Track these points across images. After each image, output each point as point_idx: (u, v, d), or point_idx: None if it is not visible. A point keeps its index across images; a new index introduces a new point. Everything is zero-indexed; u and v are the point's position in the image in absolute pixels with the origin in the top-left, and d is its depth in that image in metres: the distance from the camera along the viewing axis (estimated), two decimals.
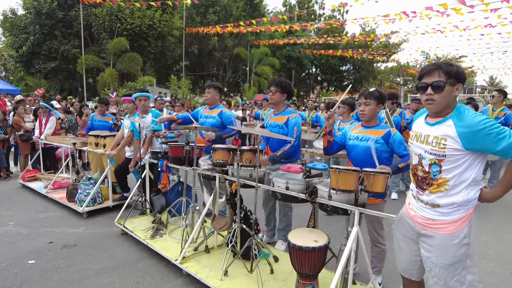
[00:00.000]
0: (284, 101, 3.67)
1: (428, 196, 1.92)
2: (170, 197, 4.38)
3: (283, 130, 3.56)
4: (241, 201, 3.24)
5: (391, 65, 43.97)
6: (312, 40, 26.09)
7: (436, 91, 1.84)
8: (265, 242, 3.97)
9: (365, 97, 2.76)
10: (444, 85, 1.82)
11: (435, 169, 1.86)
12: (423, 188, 1.94)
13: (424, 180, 1.92)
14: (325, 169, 2.56)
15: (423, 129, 1.96)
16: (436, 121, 1.89)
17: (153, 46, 23.29)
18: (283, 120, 3.57)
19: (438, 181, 1.86)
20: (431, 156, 1.87)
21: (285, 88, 3.55)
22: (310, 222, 2.60)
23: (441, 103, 1.85)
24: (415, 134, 2.00)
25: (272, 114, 3.77)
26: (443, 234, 1.86)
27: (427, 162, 1.89)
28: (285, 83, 3.56)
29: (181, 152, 3.81)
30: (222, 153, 3.00)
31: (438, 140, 1.83)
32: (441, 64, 1.85)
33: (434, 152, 1.85)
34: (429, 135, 1.89)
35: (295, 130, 3.51)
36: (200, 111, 4.53)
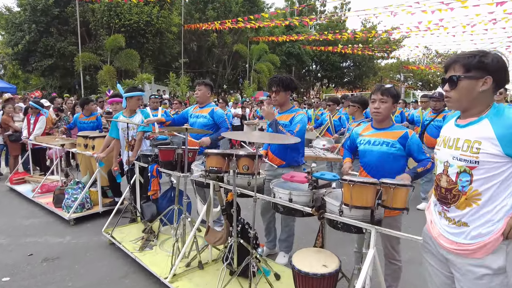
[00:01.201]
0: (289, 99, 3.31)
1: (455, 212, 1.58)
2: (161, 204, 4.02)
3: (288, 128, 3.21)
4: (238, 212, 2.89)
5: (392, 62, 43.52)
6: (313, 37, 25.67)
7: (451, 87, 1.56)
8: (265, 255, 3.65)
9: (382, 93, 2.39)
10: (457, 80, 1.54)
11: (465, 179, 1.53)
12: (447, 202, 1.60)
13: (449, 192, 1.58)
14: (336, 179, 2.20)
15: (452, 133, 1.63)
16: (468, 122, 1.57)
17: (151, 43, 22.87)
18: (288, 118, 3.24)
19: (467, 194, 1.53)
20: (460, 163, 1.54)
21: (288, 86, 3.19)
22: (318, 241, 2.25)
23: (459, 100, 1.56)
24: (443, 139, 1.67)
25: (276, 113, 3.42)
26: (473, 260, 1.52)
27: (455, 170, 1.56)
28: (286, 80, 3.19)
29: (172, 156, 3.45)
30: (215, 159, 2.63)
31: (470, 143, 1.51)
32: (460, 55, 1.56)
33: (464, 157, 1.52)
34: (459, 139, 1.56)
35: (297, 127, 3.15)
36: (190, 110, 4.18)
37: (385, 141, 2.43)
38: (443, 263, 1.66)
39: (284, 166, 3.28)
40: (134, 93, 4.40)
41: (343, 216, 2.09)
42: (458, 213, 1.56)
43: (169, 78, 22.56)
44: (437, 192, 1.66)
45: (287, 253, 3.57)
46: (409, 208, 2.00)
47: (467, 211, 1.53)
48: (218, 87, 30.65)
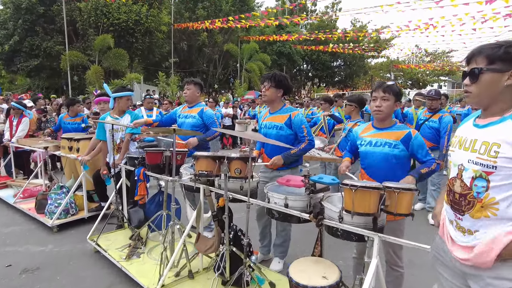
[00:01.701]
0: (280, 98, 3.15)
1: (468, 221, 1.42)
2: (149, 209, 3.82)
3: (283, 131, 3.06)
4: (231, 218, 2.72)
5: (382, 61, 43.78)
6: (304, 37, 25.58)
7: (472, 80, 1.41)
8: (259, 260, 3.49)
9: (384, 90, 2.25)
10: (479, 73, 1.38)
11: (480, 185, 1.37)
12: (461, 210, 1.45)
13: (464, 198, 1.43)
14: (335, 183, 2.05)
15: (469, 133, 1.48)
16: (489, 122, 1.41)
17: (140, 42, 22.50)
18: (283, 120, 3.07)
19: (482, 202, 1.37)
20: (476, 167, 1.38)
21: (280, 83, 3.02)
22: (316, 249, 2.09)
23: (479, 96, 1.41)
24: (458, 140, 1.52)
25: (267, 113, 3.25)
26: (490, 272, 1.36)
27: (470, 174, 1.41)
28: (280, 76, 3.03)
29: (159, 159, 3.27)
30: (205, 162, 2.45)
31: (488, 145, 1.36)
32: (484, 46, 1.40)
33: (481, 161, 1.37)
34: (477, 140, 1.41)
35: (304, 129, 3.04)
36: (178, 110, 3.99)
37: (387, 141, 2.29)
38: (459, 276, 1.51)
39: (281, 168, 3.12)
40: (123, 93, 4.19)
41: (344, 223, 1.94)
42: (472, 223, 1.41)
43: (158, 78, 22.24)
44: (450, 198, 1.51)
45: (282, 258, 3.41)
46: (414, 214, 1.86)
47: (482, 222, 1.38)
48: (209, 87, 30.39)
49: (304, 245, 3.83)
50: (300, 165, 3.25)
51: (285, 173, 3.09)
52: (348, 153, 2.65)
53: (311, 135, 3.09)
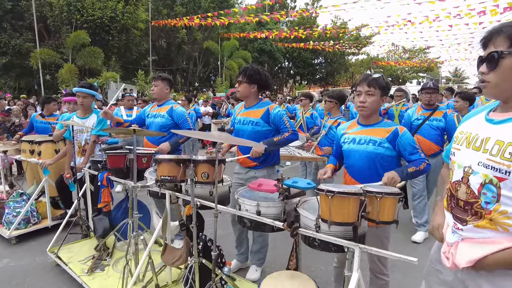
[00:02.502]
0: (257, 93, 2.91)
1: (472, 231, 1.20)
2: (116, 217, 3.52)
3: (259, 126, 2.83)
4: (201, 227, 2.48)
5: (362, 58, 44.28)
6: (284, 34, 25.44)
7: (490, 67, 1.16)
8: (236, 269, 3.26)
9: (368, 84, 2.04)
10: (498, 58, 1.13)
11: (490, 193, 1.14)
12: (463, 219, 1.23)
13: (470, 207, 1.20)
14: (311, 188, 1.83)
15: (481, 129, 1.24)
16: (507, 117, 1.17)
17: (116, 40, 21.78)
18: (259, 114, 2.84)
19: (492, 214, 1.14)
20: (486, 171, 1.15)
21: (251, 77, 2.79)
22: (291, 262, 1.87)
23: (499, 86, 1.17)
24: (466, 137, 1.28)
25: (242, 107, 3.02)
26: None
27: (478, 179, 1.17)
28: (251, 71, 2.80)
29: (122, 162, 2.98)
30: (168, 166, 2.19)
31: (502, 145, 1.12)
32: (505, 24, 1.15)
33: (492, 164, 1.13)
34: (489, 138, 1.17)
35: (286, 121, 2.82)
36: (147, 109, 3.70)
37: (371, 139, 2.08)
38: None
39: (257, 167, 2.90)
40: (84, 90, 3.82)
41: (321, 232, 1.73)
42: (477, 234, 1.19)
43: (137, 76, 21.62)
44: (451, 203, 1.29)
45: (259, 266, 3.19)
46: (399, 221, 1.67)
47: (490, 235, 1.16)
48: (190, 85, 29.88)
49: (284, 250, 3.62)
50: (277, 164, 3.03)
51: (261, 173, 2.88)
52: (333, 158, 2.40)
53: (294, 126, 2.88)
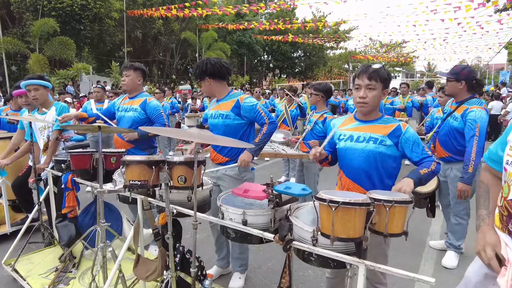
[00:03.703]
0: (217, 85, 2.67)
1: None
2: (83, 222, 3.16)
3: (230, 120, 2.58)
4: (178, 236, 2.19)
5: (340, 52, 44.56)
6: (263, 26, 25.09)
7: None
8: (217, 276, 3.00)
9: (369, 77, 1.78)
10: None
11: None
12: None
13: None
14: (306, 195, 1.58)
15: None
16: None
17: (88, 29, 20.74)
18: (229, 107, 2.59)
19: None
20: None
21: (203, 74, 2.60)
22: (284, 279, 1.62)
23: None
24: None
25: (215, 101, 2.77)
26: None
27: None
28: (200, 67, 2.59)
29: (88, 162, 2.64)
30: (138, 169, 1.88)
31: None
32: None
33: None
34: None
35: (260, 110, 2.58)
36: (117, 102, 3.34)
37: (372, 136, 1.85)
38: None
39: (229, 163, 2.64)
40: (33, 82, 3.36)
41: (318, 246, 1.48)
42: None
43: (111, 68, 20.74)
44: (508, 225, 1.08)
45: (242, 273, 2.94)
46: (408, 232, 1.45)
47: None
48: (166, 77, 29.08)
49: (269, 254, 3.40)
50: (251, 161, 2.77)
51: (233, 171, 2.63)
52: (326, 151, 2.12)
53: (269, 114, 2.64)
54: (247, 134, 2.67)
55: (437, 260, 3.36)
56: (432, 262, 3.32)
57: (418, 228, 3.94)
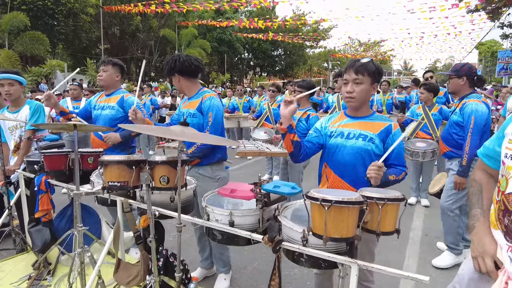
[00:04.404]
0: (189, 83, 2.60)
1: None
2: (59, 226, 2.99)
3: (197, 118, 2.52)
4: (161, 239, 2.10)
5: (319, 51, 45.10)
6: (243, 24, 25.01)
7: None
8: (202, 277, 2.93)
9: (356, 71, 1.75)
10: None
11: None
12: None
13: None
14: (296, 193, 1.53)
15: None
16: None
17: (63, 25, 20.04)
18: (195, 105, 2.53)
19: None
20: None
21: (172, 70, 2.52)
22: (273, 281, 1.57)
23: None
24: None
25: (186, 100, 2.70)
26: None
27: None
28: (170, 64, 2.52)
29: (63, 163, 2.49)
30: (117, 170, 1.77)
31: None
32: None
33: None
34: None
35: (210, 116, 2.46)
36: (94, 99, 3.19)
37: (362, 133, 1.82)
38: None
39: (200, 164, 2.56)
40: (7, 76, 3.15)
41: (309, 246, 1.44)
42: None
43: (87, 66, 20.09)
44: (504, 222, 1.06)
45: (227, 273, 2.87)
46: (400, 230, 1.42)
47: None
48: (145, 75, 28.49)
49: (254, 254, 3.35)
50: (224, 159, 2.70)
51: (206, 171, 2.55)
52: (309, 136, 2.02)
53: (216, 124, 2.50)
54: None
55: (420, 255, 3.40)
56: (416, 258, 3.36)
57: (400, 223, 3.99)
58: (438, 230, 3.90)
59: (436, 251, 3.48)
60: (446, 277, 2.97)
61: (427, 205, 4.75)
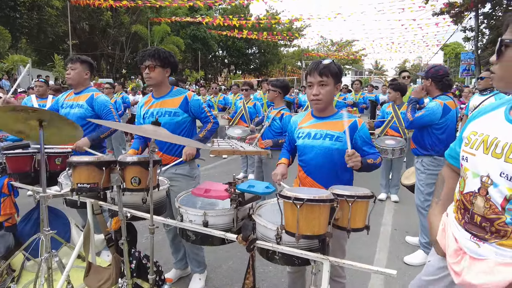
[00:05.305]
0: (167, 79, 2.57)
1: (495, 248, 1.04)
2: (24, 231, 2.87)
3: (178, 117, 2.50)
4: (133, 241, 2.05)
5: (293, 50, 45.57)
6: (218, 21, 24.83)
7: (497, 57, 1.02)
8: (177, 278, 2.89)
9: (320, 74, 1.80)
10: (504, 47, 0.99)
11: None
12: (481, 236, 1.07)
13: (490, 224, 1.05)
14: (270, 193, 1.55)
15: (501, 131, 1.06)
16: None
17: (26, 18, 19.01)
18: (177, 103, 2.50)
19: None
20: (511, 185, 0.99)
21: (165, 60, 2.44)
22: (247, 280, 1.58)
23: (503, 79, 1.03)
24: (483, 139, 1.09)
25: (150, 99, 2.60)
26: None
27: (502, 193, 1.01)
28: (164, 53, 2.46)
29: (28, 165, 2.38)
30: (86, 171, 1.71)
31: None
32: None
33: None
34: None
35: (206, 110, 2.65)
36: (61, 98, 3.08)
37: (328, 133, 1.88)
38: None
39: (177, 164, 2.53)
40: None
41: (282, 244, 1.46)
42: (500, 251, 1.03)
43: (54, 61, 19.24)
44: (464, 219, 1.11)
45: (201, 273, 2.85)
46: (370, 226, 1.47)
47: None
48: (116, 72, 27.68)
49: (228, 253, 3.34)
50: (198, 158, 2.70)
51: (183, 169, 2.54)
52: (285, 152, 2.18)
53: (212, 112, 2.72)
54: (190, 129, 2.62)
55: (390, 249, 3.53)
56: (386, 252, 3.48)
57: (370, 219, 4.12)
58: (407, 225, 4.08)
59: (405, 244, 3.62)
60: (414, 269, 3.10)
61: (397, 200, 4.93)
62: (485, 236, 1.06)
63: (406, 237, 3.74)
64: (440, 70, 3.14)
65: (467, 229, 1.11)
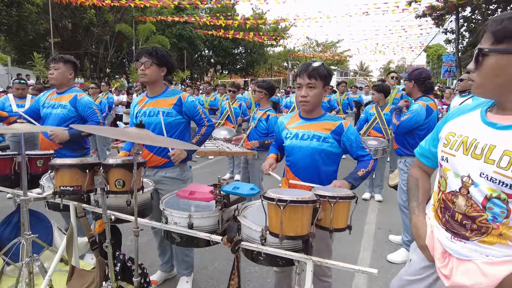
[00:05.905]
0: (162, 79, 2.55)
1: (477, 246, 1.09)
2: (3, 235, 2.79)
3: (172, 118, 2.48)
4: (117, 244, 2.04)
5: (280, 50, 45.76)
6: (204, 20, 24.72)
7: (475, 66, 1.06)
8: (162, 281, 2.88)
9: (309, 76, 1.83)
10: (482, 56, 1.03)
11: (498, 208, 1.03)
12: (462, 234, 1.11)
13: (471, 222, 1.09)
14: (255, 194, 1.56)
15: (479, 133, 1.10)
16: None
17: (4, 14, 18.47)
18: (171, 104, 2.48)
19: (500, 229, 1.04)
20: (492, 185, 1.03)
21: (162, 59, 2.42)
22: (232, 281, 1.59)
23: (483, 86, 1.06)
24: (462, 141, 1.13)
25: (144, 98, 2.57)
26: None
27: (483, 192, 1.05)
28: (162, 52, 2.44)
29: (9, 167, 2.33)
30: (69, 174, 1.69)
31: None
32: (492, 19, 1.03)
33: (500, 178, 1.01)
34: (495, 147, 1.04)
35: (200, 111, 2.59)
36: (42, 97, 3.02)
37: (315, 134, 1.92)
38: None
39: (167, 166, 2.53)
40: None
41: (267, 245, 1.48)
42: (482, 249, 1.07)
43: (34, 60, 18.75)
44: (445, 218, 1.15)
45: (189, 276, 2.85)
46: (352, 226, 1.51)
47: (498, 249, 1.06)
48: (100, 71, 27.20)
49: (214, 253, 3.35)
50: (189, 160, 2.70)
51: (174, 172, 2.53)
52: (274, 149, 2.23)
53: (208, 115, 2.68)
54: (183, 131, 2.59)
55: (374, 247, 3.61)
56: (370, 250, 3.55)
57: (354, 218, 4.18)
58: (390, 224, 4.16)
59: (388, 243, 3.70)
60: (397, 267, 3.17)
61: (380, 200, 5.02)
62: (465, 234, 1.10)
63: (390, 235, 3.82)
64: (422, 73, 3.23)
65: (447, 227, 1.16)
